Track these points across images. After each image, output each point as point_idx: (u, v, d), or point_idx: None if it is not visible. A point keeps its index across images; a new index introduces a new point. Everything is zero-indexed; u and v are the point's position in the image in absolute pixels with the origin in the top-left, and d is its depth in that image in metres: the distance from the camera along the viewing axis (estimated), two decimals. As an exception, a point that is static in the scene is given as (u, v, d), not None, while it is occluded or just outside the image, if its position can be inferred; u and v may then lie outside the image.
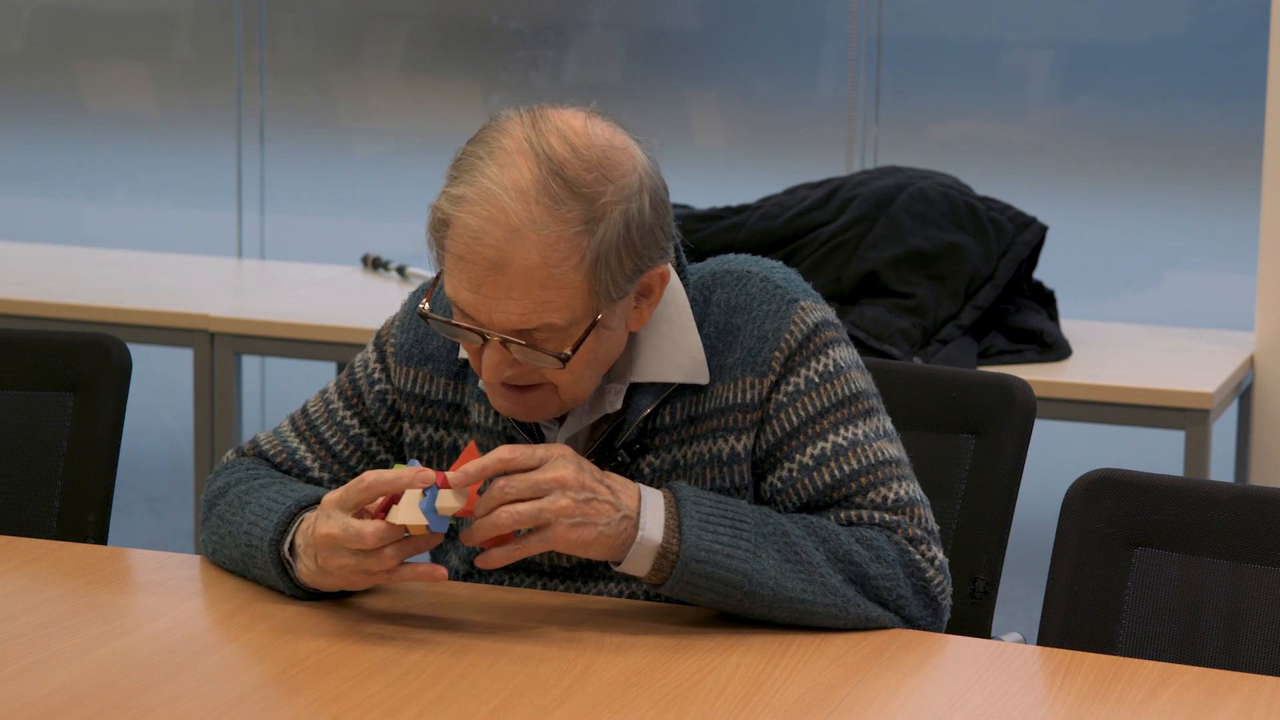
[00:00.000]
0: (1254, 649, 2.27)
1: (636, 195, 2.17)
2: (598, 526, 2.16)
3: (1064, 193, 4.73)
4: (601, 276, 2.15)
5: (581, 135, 2.16)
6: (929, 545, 2.26)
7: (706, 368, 2.28)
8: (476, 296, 2.16)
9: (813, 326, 2.28)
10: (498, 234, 2.12)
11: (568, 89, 5.09)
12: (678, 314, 2.28)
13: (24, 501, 2.74)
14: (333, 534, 2.16)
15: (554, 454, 2.16)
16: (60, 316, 4.36)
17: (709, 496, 2.22)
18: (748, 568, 2.18)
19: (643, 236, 2.18)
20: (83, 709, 1.97)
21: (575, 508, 2.14)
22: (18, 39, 5.55)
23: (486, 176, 2.14)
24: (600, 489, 2.16)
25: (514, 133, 2.16)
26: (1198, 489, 2.33)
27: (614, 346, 2.24)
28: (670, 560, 2.18)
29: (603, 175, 2.15)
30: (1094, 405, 3.86)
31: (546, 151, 2.14)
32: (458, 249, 2.15)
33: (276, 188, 5.36)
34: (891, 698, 2.07)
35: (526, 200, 2.12)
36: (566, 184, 2.13)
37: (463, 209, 2.14)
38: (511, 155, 2.14)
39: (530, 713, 1.99)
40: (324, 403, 2.43)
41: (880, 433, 2.30)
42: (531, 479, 2.14)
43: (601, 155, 2.16)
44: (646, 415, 2.28)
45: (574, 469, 2.15)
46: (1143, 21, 4.70)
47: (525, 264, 2.13)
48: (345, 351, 4.15)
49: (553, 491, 2.14)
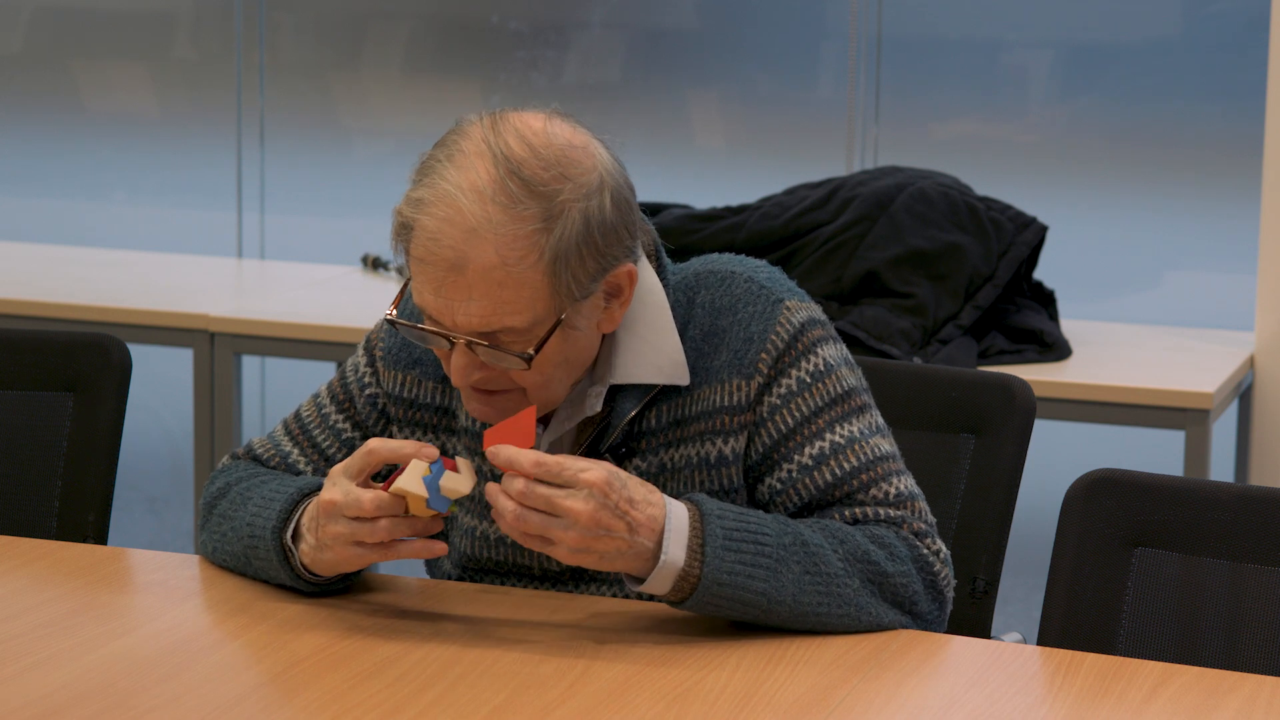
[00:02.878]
0: (1254, 649, 2.28)
1: (597, 193, 2.17)
2: (600, 555, 2.14)
3: (1064, 193, 4.73)
4: (562, 275, 2.15)
5: (540, 135, 2.17)
6: (932, 539, 2.27)
7: (687, 369, 2.27)
8: (438, 299, 2.17)
9: (799, 326, 2.28)
10: (455, 235, 2.13)
11: (568, 89, 5.09)
12: (657, 315, 2.28)
13: (24, 501, 2.74)
14: (334, 499, 2.17)
15: (582, 480, 2.12)
16: (60, 316, 4.36)
17: (731, 510, 2.20)
18: (767, 587, 2.17)
19: (605, 235, 2.18)
20: (83, 709, 1.97)
21: (580, 541, 2.13)
22: (18, 39, 5.55)
23: (445, 179, 2.15)
24: (618, 526, 2.13)
25: (473, 135, 2.17)
26: (1198, 489, 2.33)
27: (585, 348, 2.24)
28: (692, 583, 2.17)
29: (561, 173, 2.15)
30: (1094, 405, 3.86)
31: (504, 152, 2.14)
32: (418, 252, 2.16)
33: (276, 188, 5.36)
34: (891, 698, 2.07)
35: (483, 200, 2.13)
36: (524, 183, 2.14)
37: (421, 212, 2.15)
38: (469, 157, 2.15)
39: (530, 713, 1.99)
40: (316, 406, 2.44)
41: (874, 428, 2.30)
42: (549, 498, 2.12)
43: (560, 154, 2.16)
44: (632, 418, 2.28)
45: (594, 506, 2.11)
46: (1143, 21, 4.70)
47: (483, 264, 2.13)
48: (345, 351, 4.15)
49: (565, 518, 2.13)
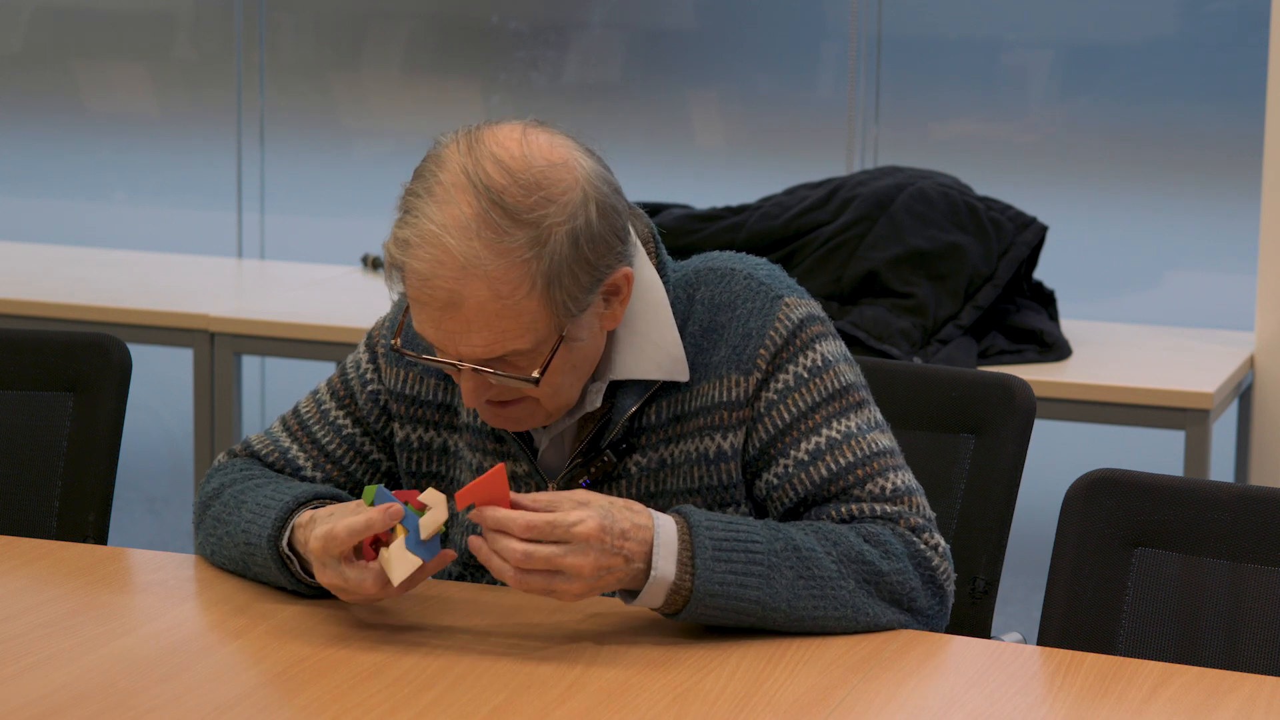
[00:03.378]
0: (1254, 649, 2.27)
1: (581, 209, 2.16)
2: (600, 589, 2.15)
3: (1064, 193, 4.73)
4: (557, 296, 2.15)
5: (518, 159, 2.14)
6: (930, 533, 2.27)
7: (686, 364, 2.28)
8: (439, 333, 2.17)
9: (798, 322, 2.29)
10: (446, 275, 2.13)
11: (568, 89, 5.08)
12: (656, 312, 2.28)
13: (24, 501, 2.74)
14: (335, 584, 2.17)
15: (576, 535, 2.11)
16: (60, 316, 4.36)
17: (720, 519, 2.20)
18: (760, 595, 2.17)
19: (594, 247, 2.17)
20: (83, 709, 1.97)
21: (585, 588, 2.13)
22: (18, 39, 5.55)
23: (428, 218, 2.13)
24: (615, 562, 2.14)
25: (451, 165, 2.15)
26: (1198, 489, 2.33)
27: (590, 352, 2.24)
28: (684, 595, 2.17)
29: (544, 197, 2.14)
30: (1094, 405, 3.86)
31: (484, 181, 2.13)
32: (412, 293, 2.17)
33: (276, 188, 5.36)
34: (891, 698, 2.07)
35: (469, 236, 2.12)
36: (507, 213, 2.12)
37: (409, 255, 2.14)
38: (450, 190, 2.13)
39: (530, 713, 1.99)
40: (315, 403, 2.44)
41: (872, 424, 2.30)
42: (550, 558, 2.11)
43: (540, 176, 2.14)
44: (632, 414, 2.28)
45: (595, 555, 2.12)
46: (1143, 21, 4.70)
47: (477, 300, 2.13)
48: (345, 351, 4.15)
49: (568, 573, 2.12)
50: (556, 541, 2.11)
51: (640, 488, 2.30)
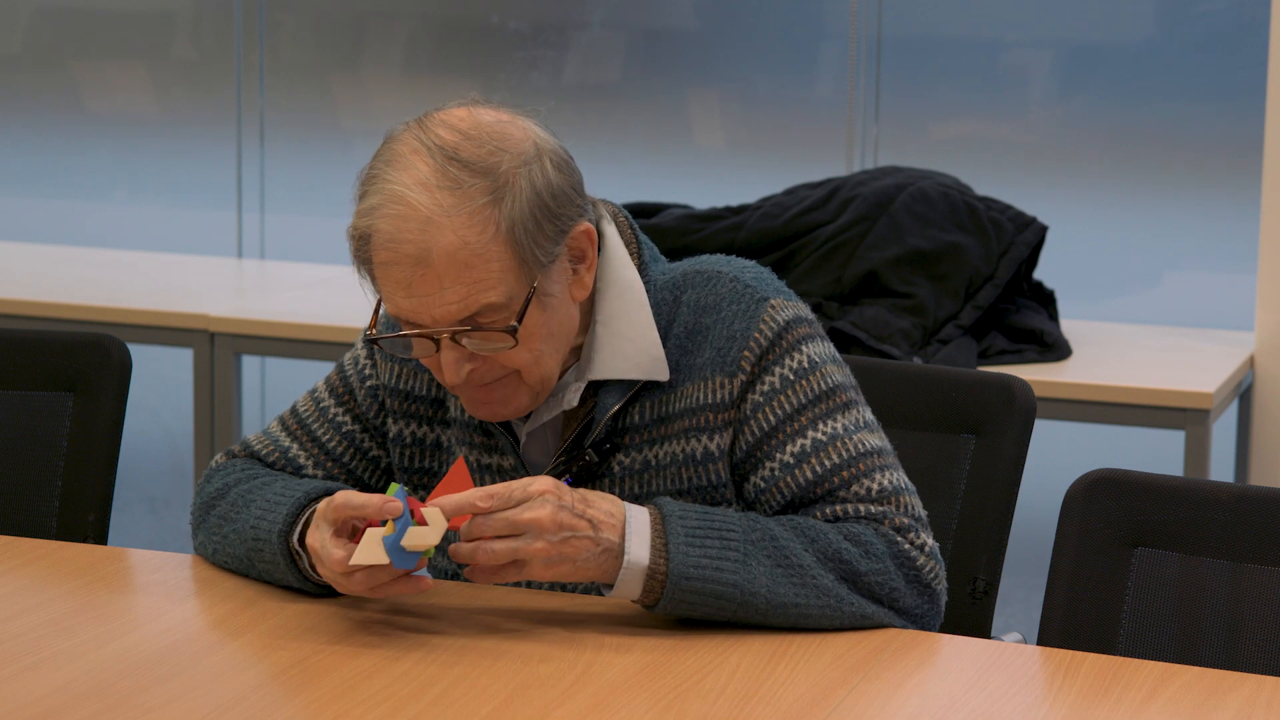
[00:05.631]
0: (1254, 649, 2.27)
1: (536, 159, 2.21)
2: (574, 562, 2.17)
3: (1064, 193, 4.73)
4: (523, 242, 2.18)
5: (467, 120, 2.22)
6: (917, 533, 2.27)
7: (666, 364, 2.29)
8: (411, 299, 2.20)
9: (784, 324, 2.29)
10: (412, 229, 2.17)
11: (568, 89, 5.08)
12: (635, 311, 2.29)
13: (24, 501, 2.74)
14: (313, 546, 2.20)
15: (533, 492, 2.17)
16: (60, 316, 4.36)
17: (694, 509, 2.22)
18: (738, 579, 2.18)
19: (554, 196, 2.21)
20: (83, 709, 1.97)
21: (550, 549, 2.16)
22: (18, 39, 5.55)
23: (389, 181, 2.19)
24: (580, 525, 2.17)
25: (405, 139, 2.22)
26: (1198, 489, 2.33)
27: (565, 319, 2.26)
28: (660, 580, 2.18)
29: (497, 147, 2.20)
30: (1094, 405, 3.86)
31: (437, 143, 2.19)
32: (381, 256, 2.20)
33: (276, 188, 5.36)
34: (891, 698, 2.07)
35: (430, 190, 2.17)
36: (463, 164, 2.18)
37: (374, 217, 2.19)
38: (406, 157, 2.20)
39: (530, 713, 1.99)
40: (314, 401, 2.45)
41: (860, 424, 2.30)
42: (508, 518, 2.15)
43: (490, 130, 2.21)
44: (615, 414, 2.29)
45: (552, 508, 2.16)
46: (1142, 21, 4.70)
47: (445, 249, 2.16)
48: (345, 351, 4.14)
49: (529, 532, 2.15)
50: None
51: (624, 488, 2.31)
